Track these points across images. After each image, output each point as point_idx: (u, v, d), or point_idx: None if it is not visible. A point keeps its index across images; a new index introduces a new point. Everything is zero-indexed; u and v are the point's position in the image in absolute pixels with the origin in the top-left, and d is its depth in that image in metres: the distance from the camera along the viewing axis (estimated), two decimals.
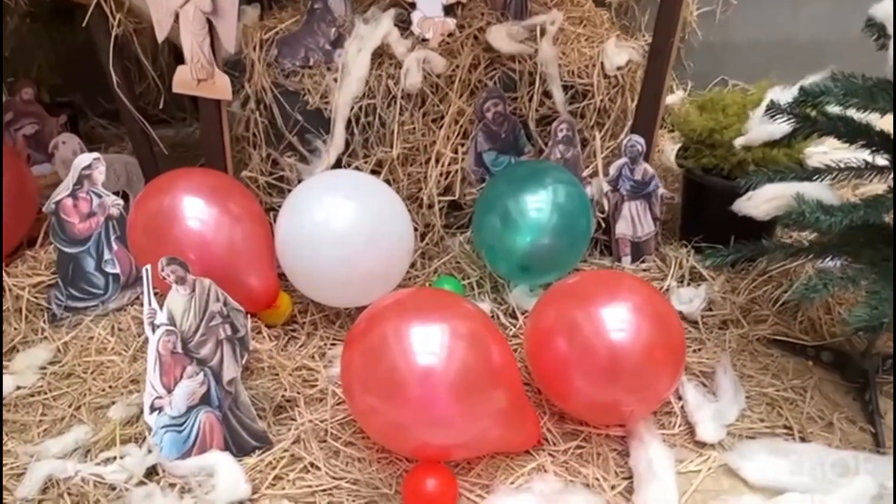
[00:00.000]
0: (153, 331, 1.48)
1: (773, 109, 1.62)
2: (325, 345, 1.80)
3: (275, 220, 2.04)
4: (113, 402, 1.62)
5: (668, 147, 2.55)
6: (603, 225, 2.08)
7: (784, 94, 1.73)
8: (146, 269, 1.52)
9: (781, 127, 1.66)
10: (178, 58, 2.48)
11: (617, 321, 1.47)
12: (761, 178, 1.64)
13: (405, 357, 1.37)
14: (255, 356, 1.69)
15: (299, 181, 2.08)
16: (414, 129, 2.05)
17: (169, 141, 2.97)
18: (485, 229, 1.86)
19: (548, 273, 1.86)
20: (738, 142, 1.89)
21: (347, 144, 2.03)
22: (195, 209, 1.77)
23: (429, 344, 1.36)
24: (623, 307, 1.49)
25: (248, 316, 1.64)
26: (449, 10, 2.10)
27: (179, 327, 1.50)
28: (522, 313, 1.87)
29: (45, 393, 1.69)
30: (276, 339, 1.80)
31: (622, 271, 2.01)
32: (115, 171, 2.33)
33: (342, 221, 1.66)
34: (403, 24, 2.07)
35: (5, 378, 1.71)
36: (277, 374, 1.66)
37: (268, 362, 1.68)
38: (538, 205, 1.80)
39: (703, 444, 1.55)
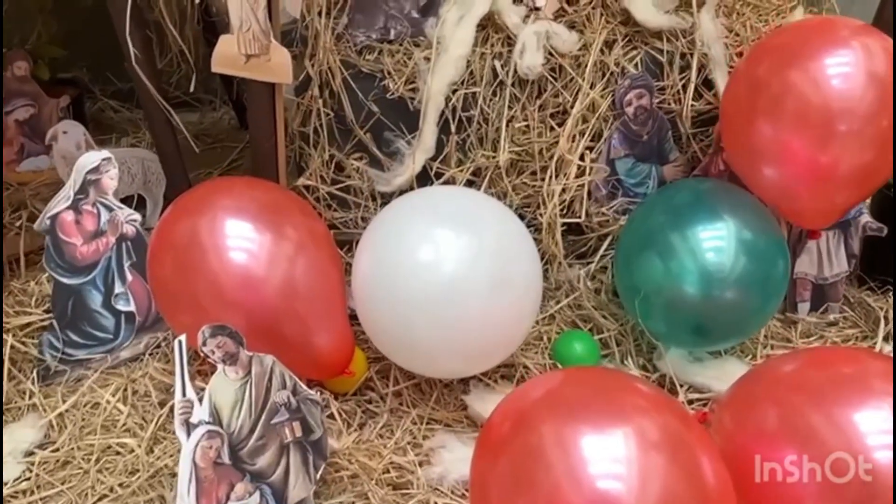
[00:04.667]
0: (188, 432, 0.99)
1: None
2: (419, 429, 1.30)
3: (341, 247, 1.56)
4: None
5: None
6: None
7: None
8: (180, 341, 1.02)
9: None
10: (208, 27, 2.00)
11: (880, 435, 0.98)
12: None
13: (574, 480, 0.89)
14: (331, 459, 1.20)
15: (372, 192, 1.59)
16: (528, 127, 1.55)
17: (193, 129, 2.44)
18: (636, 272, 1.36)
19: (727, 338, 1.36)
20: None
21: (439, 146, 1.53)
22: (240, 235, 1.27)
23: (608, 459, 0.90)
24: (885, 412, 1.00)
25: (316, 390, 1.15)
26: None
27: (227, 427, 1.01)
28: (682, 386, 1.38)
29: (33, 492, 1.21)
30: (350, 417, 1.31)
31: (867, 350, 1.46)
32: (130, 170, 1.83)
33: (454, 263, 1.15)
34: None
35: None
36: (360, 483, 1.17)
37: (346, 465, 1.18)
38: (717, 243, 1.30)
39: None
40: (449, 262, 1.14)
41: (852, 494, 0.97)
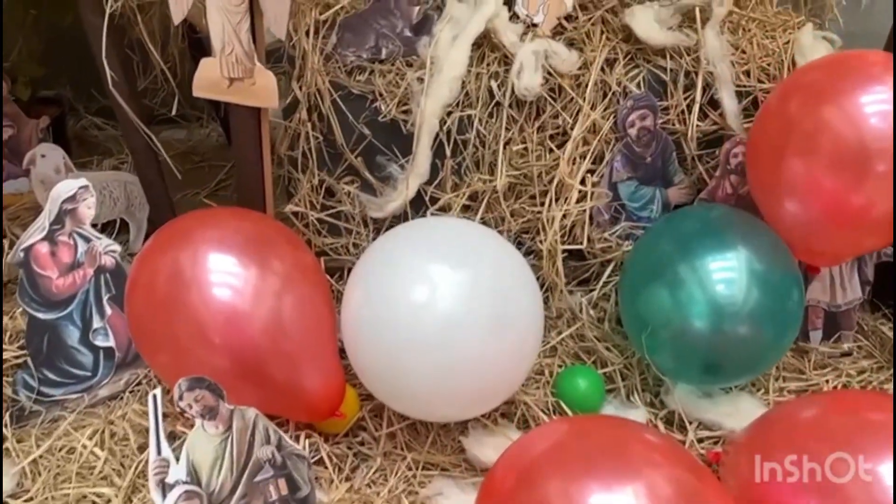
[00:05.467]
0: (164, 493, 0.91)
1: None
2: (414, 475, 1.22)
3: (331, 274, 1.49)
4: None
5: None
6: None
7: None
8: (154, 396, 0.95)
9: None
10: (193, 44, 1.92)
11: None
12: None
13: None
14: None
15: (364, 218, 1.52)
16: (526, 150, 1.48)
17: (179, 146, 2.39)
18: (643, 305, 1.29)
19: (739, 376, 1.28)
20: None
21: (434, 170, 1.46)
22: (223, 270, 1.20)
23: None
24: None
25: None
26: None
27: (207, 487, 0.94)
28: (692, 423, 1.31)
29: None
30: (341, 461, 1.23)
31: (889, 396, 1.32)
32: (112, 194, 1.76)
33: (449, 302, 1.08)
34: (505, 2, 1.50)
35: None
36: None
37: None
38: (727, 274, 1.23)
39: None
40: (444, 301, 1.07)
41: None
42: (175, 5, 1.18)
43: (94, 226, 1.76)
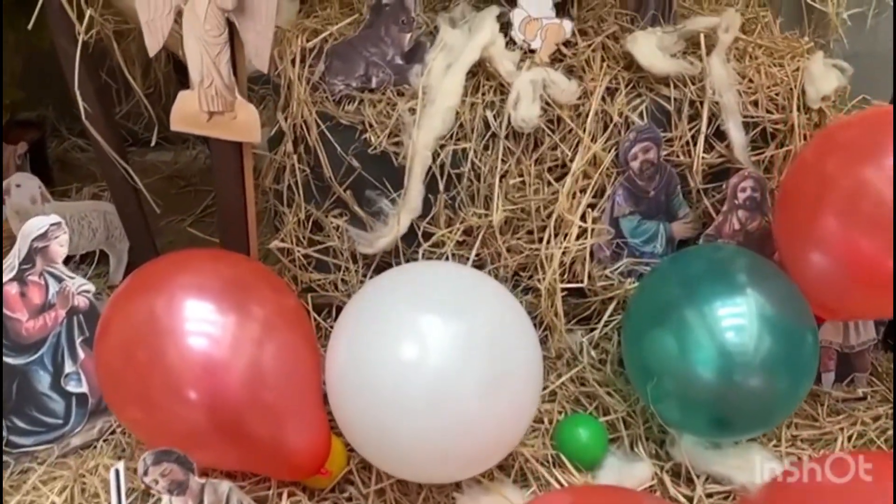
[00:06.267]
0: None
1: None
2: None
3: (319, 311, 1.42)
4: None
5: None
6: None
7: None
8: (116, 471, 0.87)
9: None
10: (178, 66, 1.85)
11: None
12: None
13: None
14: None
15: (353, 254, 1.45)
16: (523, 183, 1.41)
17: (165, 169, 2.32)
18: (647, 351, 1.21)
19: (751, 429, 1.21)
20: None
21: (427, 204, 1.39)
22: (200, 318, 1.12)
23: None
24: None
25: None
26: (561, 8, 1.46)
27: None
28: (699, 477, 1.23)
29: None
30: None
31: None
32: (91, 224, 1.68)
33: (441, 358, 1.00)
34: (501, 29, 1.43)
35: None
36: None
37: None
38: (737, 321, 1.15)
39: None
40: (435, 357, 0.99)
41: None
42: (150, 37, 1.11)
43: (70, 258, 1.70)
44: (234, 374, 1.10)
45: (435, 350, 1.00)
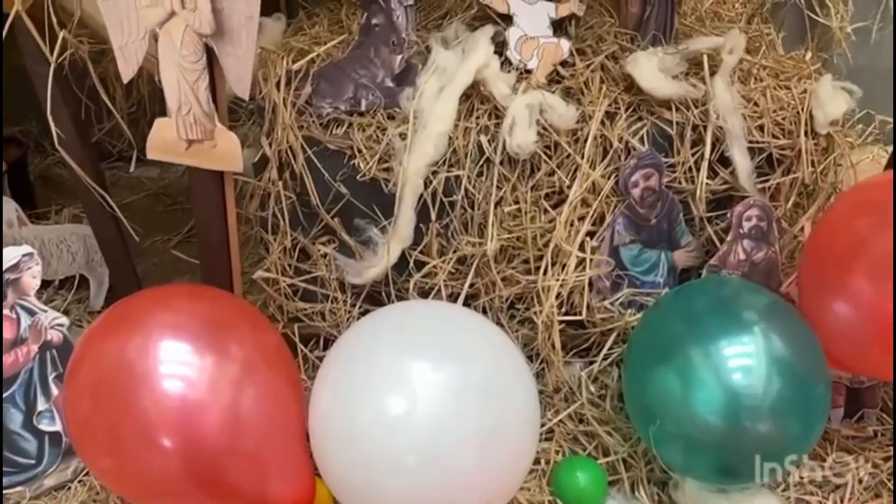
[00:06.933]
0: None
1: None
2: None
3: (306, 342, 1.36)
4: None
5: None
6: None
7: None
8: None
9: None
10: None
11: None
12: None
13: None
14: None
15: (342, 283, 1.39)
16: (519, 210, 1.35)
17: (151, 186, 2.25)
18: (649, 391, 1.15)
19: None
20: None
21: (418, 234, 1.33)
22: (175, 360, 1.06)
23: None
24: None
25: None
26: (558, 27, 1.40)
27: None
28: None
29: None
30: None
31: None
32: (70, 248, 1.62)
33: (432, 408, 0.94)
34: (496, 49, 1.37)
35: None
36: None
37: None
38: (745, 361, 1.09)
39: None
40: (425, 408, 0.93)
41: None
42: (124, 63, 1.05)
43: (49, 283, 1.63)
44: (212, 418, 1.04)
45: (424, 400, 0.94)
